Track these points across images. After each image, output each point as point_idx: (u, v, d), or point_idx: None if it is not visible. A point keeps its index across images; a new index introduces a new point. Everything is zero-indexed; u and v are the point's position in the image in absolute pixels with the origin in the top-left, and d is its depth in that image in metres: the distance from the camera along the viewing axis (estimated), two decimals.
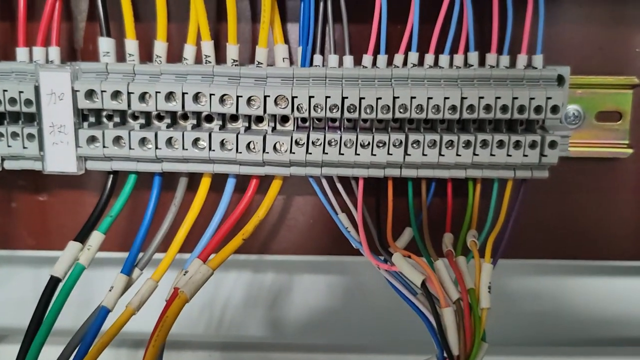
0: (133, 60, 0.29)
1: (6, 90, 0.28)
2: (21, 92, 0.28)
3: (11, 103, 0.29)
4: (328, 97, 0.28)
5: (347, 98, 0.28)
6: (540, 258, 0.35)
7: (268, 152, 0.28)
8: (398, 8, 0.29)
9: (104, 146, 0.28)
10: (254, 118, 0.30)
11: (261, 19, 0.28)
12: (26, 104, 0.28)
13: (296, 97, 0.28)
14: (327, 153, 0.28)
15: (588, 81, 0.32)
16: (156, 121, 0.30)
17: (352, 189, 0.32)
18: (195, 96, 0.28)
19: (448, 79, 0.28)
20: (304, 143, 0.28)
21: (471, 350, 0.27)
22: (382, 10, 0.28)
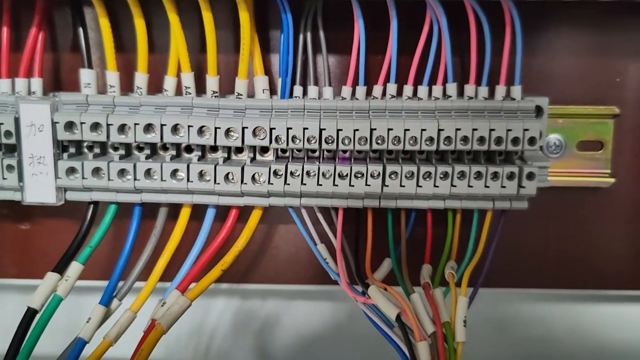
0: (114, 91, 0.30)
1: None
2: (1, 124, 0.28)
3: None
4: (306, 129, 0.28)
5: (325, 130, 0.28)
6: (522, 287, 0.34)
7: (246, 183, 0.28)
8: (378, 39, 0.29)
9: (83, 177, 0.29)
10: (234, 149, 0.30)
11: (240, 51, 0.28)
12: (6, 136, 0.28)
13: (274, 129, 0.28)
14: (305, 184, 0.28)
15: (569, 111, 0.32)
16: (136, 152, 0.30)
17: (333, 219, 0.32)
18: (173, 128, 0.28)
19: (425, 111, 0.28)
20: (282, 174, 0.28)
21: None
22: (361, 42, 0.29)
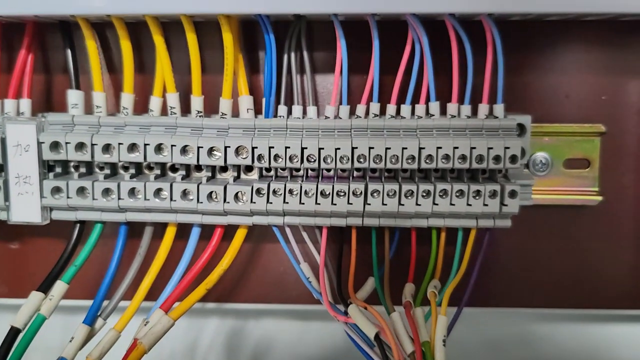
0: (100, 112, 0.30)
1: None
2: None
3: None
4: (288, 148, 0.28)
5: (307, 148, 0.28)
6: (510, 306, 0.34)
7: (229, 202, 0.29)
8: (361, 58, 0.30)
9: (68, 196, 0.29)
10: (219, 168, 0.30)
11: (224, 71, 0.29)
12: None
13: (256, 148, 0.28)
14: (288, 202, 0.29)
15: (555, 129, 0.32)
16: (122, 171, 0.31)
17: (317, 238, 0.32)
18: (157, 147, 0.28)
19: (407, 129, 0.28)
20: (265, 193, 0.29)
21: None
22: (343, 62, 0.29)
